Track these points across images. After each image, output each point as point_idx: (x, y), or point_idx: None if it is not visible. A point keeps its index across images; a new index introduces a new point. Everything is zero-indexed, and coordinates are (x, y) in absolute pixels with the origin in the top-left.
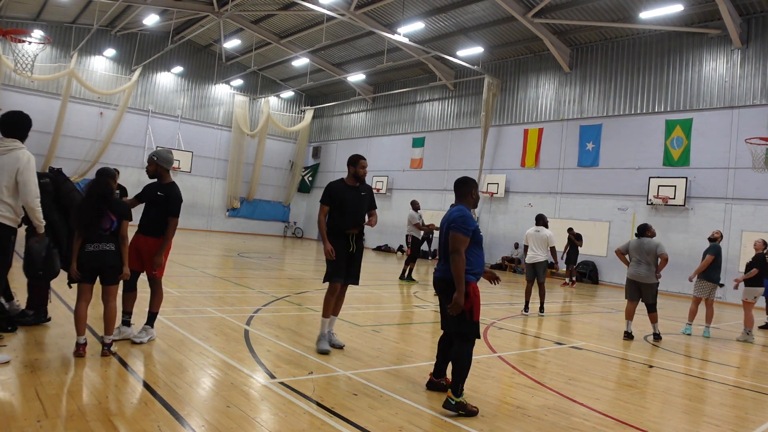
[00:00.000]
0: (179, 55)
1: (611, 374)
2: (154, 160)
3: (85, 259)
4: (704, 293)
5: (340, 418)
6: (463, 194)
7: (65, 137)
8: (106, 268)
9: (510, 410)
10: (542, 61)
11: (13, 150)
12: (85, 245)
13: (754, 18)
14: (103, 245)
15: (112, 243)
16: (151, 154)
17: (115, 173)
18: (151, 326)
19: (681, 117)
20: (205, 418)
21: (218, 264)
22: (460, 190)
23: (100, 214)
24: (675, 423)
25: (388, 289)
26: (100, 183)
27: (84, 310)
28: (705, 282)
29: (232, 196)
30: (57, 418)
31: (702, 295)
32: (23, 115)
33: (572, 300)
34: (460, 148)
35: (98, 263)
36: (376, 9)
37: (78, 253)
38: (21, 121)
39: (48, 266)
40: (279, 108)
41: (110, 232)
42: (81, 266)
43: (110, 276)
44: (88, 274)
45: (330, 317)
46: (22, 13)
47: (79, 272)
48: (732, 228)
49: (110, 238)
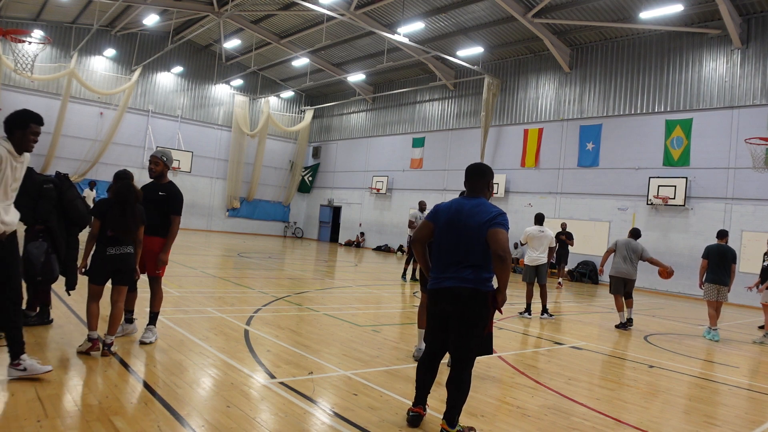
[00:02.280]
0: (179, 55)
1: (611, 374)
2: (163, 161)
3: (108, 261)
4: (712, 295)
5: (340, 418)
6: (481, 186)
7: (65, 137)
8: (127, 270)
9: (510, 410)
10: (542, 61)
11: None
12: (106, 248)
13: (754, 18)
14: (124, 248)
15: (131, 246)
16: (157, 154)
17: (132, 176)
18: (153, 325)
19: (681, 117)
20: (205, 418)
21: (218, 264)
22: (478, 180)
23: (133, 219)
24: (675, 423)
25: (388, 289)
26: (130, 188)
27: (96, 308)
28: (710, 285)
29: (232, 196)
30: (57, 418)
31: (708, 297)
32: (16, 111)
33: (572, 300)
34: (460, 148)
35: (120, 265)
36: (376, 9)
37: (98, 256)
38: (10, 116)
39: (46, 271)
40: (279, 108)
41: (133, 235)
42: (103, 269)
43: (127, 277)
44: (107, 276)
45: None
46: (22, 13)
47: (97, 274)
48: (732, 228)
49: (129, 241)
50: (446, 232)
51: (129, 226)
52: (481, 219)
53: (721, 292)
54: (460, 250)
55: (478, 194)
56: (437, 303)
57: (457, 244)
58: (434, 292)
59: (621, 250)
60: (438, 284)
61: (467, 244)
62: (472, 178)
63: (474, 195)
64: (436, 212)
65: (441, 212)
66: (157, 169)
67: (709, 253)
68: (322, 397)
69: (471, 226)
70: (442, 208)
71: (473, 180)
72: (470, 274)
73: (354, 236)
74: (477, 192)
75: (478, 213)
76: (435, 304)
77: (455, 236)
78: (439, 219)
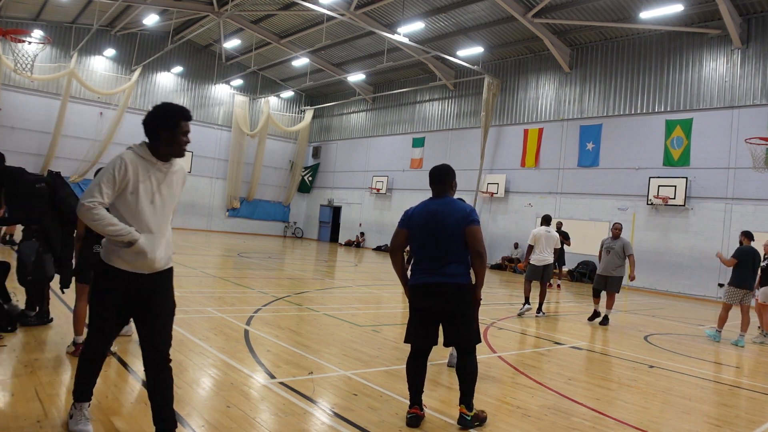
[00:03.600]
0: (179, 55)
1: (611, 374)
2: None
3: (94, 260)
4: (735, 299)
5: (340, 418)
6: (446, 186)
7: (65, 137)
8: None
9: (510, 410)
10: (542, 61)
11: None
12: (92, 246)
13: (754, 18)
14: None
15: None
16: None
17: None
18: None
19: (681, 117)
20: (205, 418)
21: (218, 264)
22: (442, 181)
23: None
24: (675, 423)
25: (388, 289)
26: None
27: (84, 310)
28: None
29: (232, 196)
30: (57, 418)
31: (732, 302)
32: (158, 107)
33: (572, 300)
34: (460, 148)
35: None
36: (376, 9)
37: (84, 254)
38: (152, 114)
39: (37, 271)
40: (279, 108)
41: None
42: (88, 267)
43: None
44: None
45: None
46: (22, 13)
47: (84, 273)
48: (732, 228)
49: None
50: (423, 234)
51: None
52: (456, 216)
53: (747, 296)
54: (440, 249)
55: (444, 194)
56: (422, 298)
57: (436, 242)
58: (418, 287)
59: (606, 248)
60: (421, 280)
61: (446, 242)
62: (437, 180)
63: (441, 195)
64: (409, 218)
65: (414, 216)
66: None
67: (744, 254)
68: (322, 397)
69: (448, 224)
70: (415, 213)
71: (439, 181)
72: (453, 269)
73: (354, 236)
74: (443, 192)
75: (452, 212)
76: (420, 300)
77: (433, 236)
78: (413, 223)
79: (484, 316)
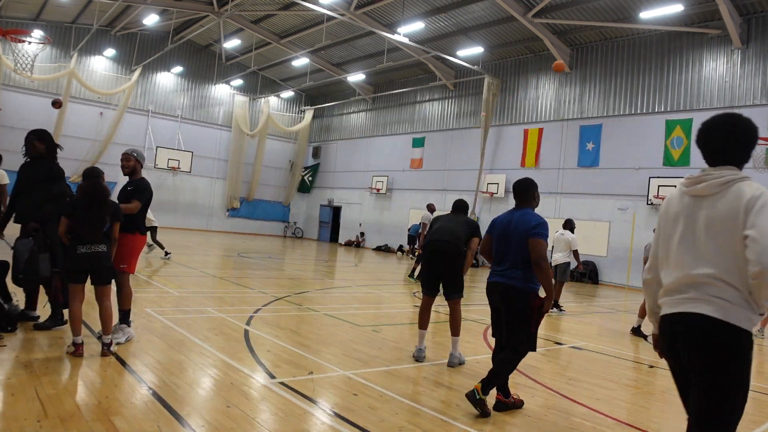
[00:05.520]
0: (179, 55)
1: (611, 374)
2: (134, 157)
3: (79, 260)
4: None
5: (340, 418)
6: (528, 199)
7: (65, 137)
8: (101, 269)
9: (510, 410)
10: (542, 61)
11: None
12: (77, 247)
13: (754, 18)
14: (96, 247)
15: (103, 244)
16: (128, 151)
17: (102, 173)
18: (125, 324)
19: (681, 117)
20: (205, 418)
21: (218, 264)
22: (523, 194)
23: (101, 218)
24: (675, 423)
25: (388, 289)
26: (98, 187)
27: (78, 310)
28: None
29: (232, 196)
30: (57, 418)
31: None
32: None
33: (572, 300)
34: (460, 148)
35: (92, 265)
36: (376, 9)
37: (70, 255)
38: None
39: (30, 270)
40: (279, 108)
41: (102, 233)
42: (74, 267)
43: (104, 277)
44: (81, 275)
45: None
46: (22, 13)
47: (71, 273)
48: None
49: (102, 239)
50: (500, 240)
51: (95, 225)
52: (525, 227)
53: None
54: (511, 253)
55: (525, 205)
56: (489, 294)
57: (508, 248)
58: (487, 284)
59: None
60: (490, 278)
61: (516, 248)
62: (519, 193)
63: (521, 206)
64: (493, 225)
65: (497, 225)
66: (128, 165)
67: None
68: (322, 397)
69: (519, 233)
70: (498, 221)
71: (520, 194)
72: (517, 273)
73: (354, 236)
74: (524, 204)
75: (522, 222)
76: (489, 296)
77: (506, 242)
78: (495, 230)
79: (486, 317)
